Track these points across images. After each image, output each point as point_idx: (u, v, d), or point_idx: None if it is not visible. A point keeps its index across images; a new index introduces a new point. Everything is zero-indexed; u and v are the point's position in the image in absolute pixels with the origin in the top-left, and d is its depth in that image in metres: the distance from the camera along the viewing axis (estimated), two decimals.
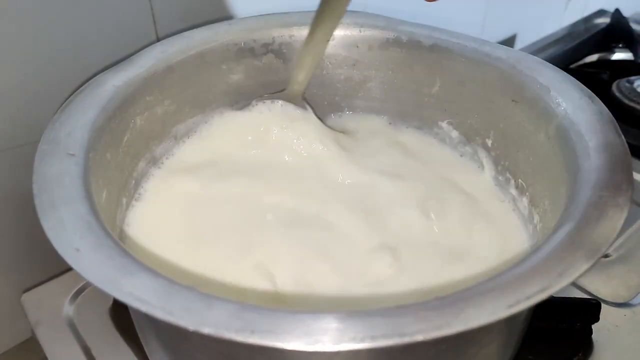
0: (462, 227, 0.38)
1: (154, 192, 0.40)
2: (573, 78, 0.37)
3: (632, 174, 0.29)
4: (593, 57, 0.77)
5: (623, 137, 0.31)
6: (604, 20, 0.84)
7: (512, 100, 0.38)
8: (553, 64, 0.38)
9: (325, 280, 0.35)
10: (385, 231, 0.38)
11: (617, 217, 0.26)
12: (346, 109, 0.48)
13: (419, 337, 0.21)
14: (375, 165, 0.43)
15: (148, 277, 0.24)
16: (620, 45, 0.78)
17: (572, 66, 0.74)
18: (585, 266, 0.24)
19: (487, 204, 0.40)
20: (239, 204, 0.40)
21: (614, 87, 0.67)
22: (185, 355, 0.29)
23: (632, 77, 0.68)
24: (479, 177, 0.43)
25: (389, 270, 0.35)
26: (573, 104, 0.34)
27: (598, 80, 0.69)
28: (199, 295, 0.23)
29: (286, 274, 0.35)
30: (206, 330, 0.22)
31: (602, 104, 0.34)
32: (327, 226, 0.38)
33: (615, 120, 0.33)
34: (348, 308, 0.23)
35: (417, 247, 0.37)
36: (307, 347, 0.21)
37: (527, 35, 0.84)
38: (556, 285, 0.23)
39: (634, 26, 0.79)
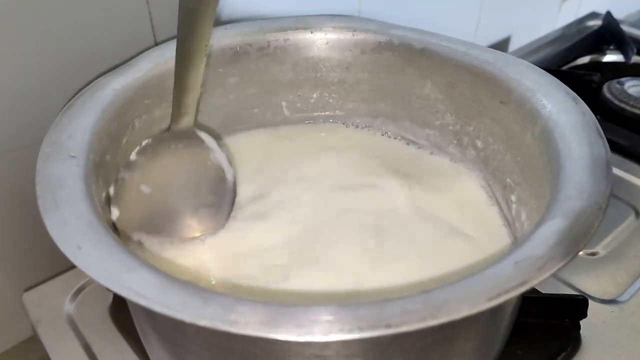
0: (448, 224, 0.39)
1: None
2: (559, 81, 0.38)
3: (611, 174, 0.29)
4: (585, 59, 0.78)
5: (605, 138, 0.32)
6: (596, 23, 0.84)
7: (500, 102, 0.39)
8: (546, 66, 0.39)
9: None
10: (369, 228, 0.39)
11: (595, 215, 0.27)
12: (338, 111, 0.49)
13: (404, 328, 0.22)
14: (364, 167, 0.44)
15: (147, 273, 0.25)
16: (612, 47, 0.79)
17: (564, 68, 0.75)
18: (563, 261, 0.25)
19: (475, 201, 0.41)
20: None
21: (605, 89, 0.68)
22: (183, 349, 0.30)
23: (623, 79, 0.69)
24: (470, 176, 0.44)
25: (373, 264, 0.36)
26: (558, 105, 0.35)
27: (589, 81, 0.69)
28: (196, 290, 0.24)
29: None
30: (202, 322, 0.23)
31: (586, 105, 0.35)
32: None
33: (597, 122, 0.34)
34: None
35: (402, 244, 0.38)
36: (298, 338, 0.22)
37: (521, 37, 0.85)
38: (535, 279, 0.24)
39: (625, 28, 0.79)
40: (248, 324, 0.22)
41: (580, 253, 0.45)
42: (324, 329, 0.22)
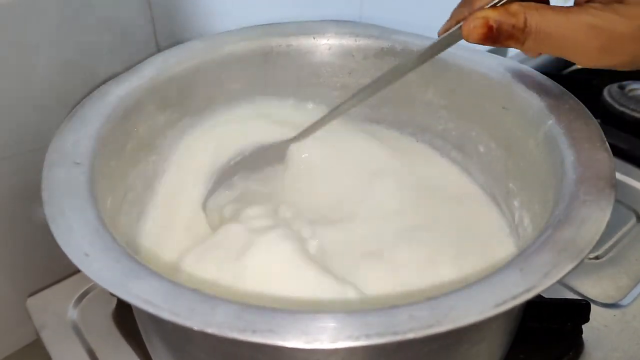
0: (453, 229, 0.39)
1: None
2: (561, 86, 0.38)
3: (615, 179, 0.30)
4: None
5: (607, 143, 0.32)
6: None
7: (503, 108, 0.40)
8: (546, 70, 0.39)
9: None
10: (376, 236, 0.39)
11: (600, 220, 0.27)
12: (342, 116, 0.49)
13: (411, 335, 0.22)
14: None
15: (154, 280, 0.25)
16: None
17: (564, 72, 0.75)
18: (569, 267, 0.25)
19: (479, 207, 0.41)
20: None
21: (605, 93, 0.68)
22: (189, 356, 0.30)
23: (623, 83, 0.69)
24: (471, 182, 0.44)
25: (380, 272, 0.36)
26: (561, 111, 0.35)
27: (590, 85, 0.70)
28: (203, 297, 0.24)
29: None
30: (211, 330, 0.23)
31: (588, 111, 0.35)
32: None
33: (600, 127, 0.34)
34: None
35: (407, 250, 0.38)
36: (306, 345, 0.22)
37: None
38: (541, 285, 0.24)
39: None
40: (256, 331, 0.22)
41: None
42: (331, 336, 0.23)
